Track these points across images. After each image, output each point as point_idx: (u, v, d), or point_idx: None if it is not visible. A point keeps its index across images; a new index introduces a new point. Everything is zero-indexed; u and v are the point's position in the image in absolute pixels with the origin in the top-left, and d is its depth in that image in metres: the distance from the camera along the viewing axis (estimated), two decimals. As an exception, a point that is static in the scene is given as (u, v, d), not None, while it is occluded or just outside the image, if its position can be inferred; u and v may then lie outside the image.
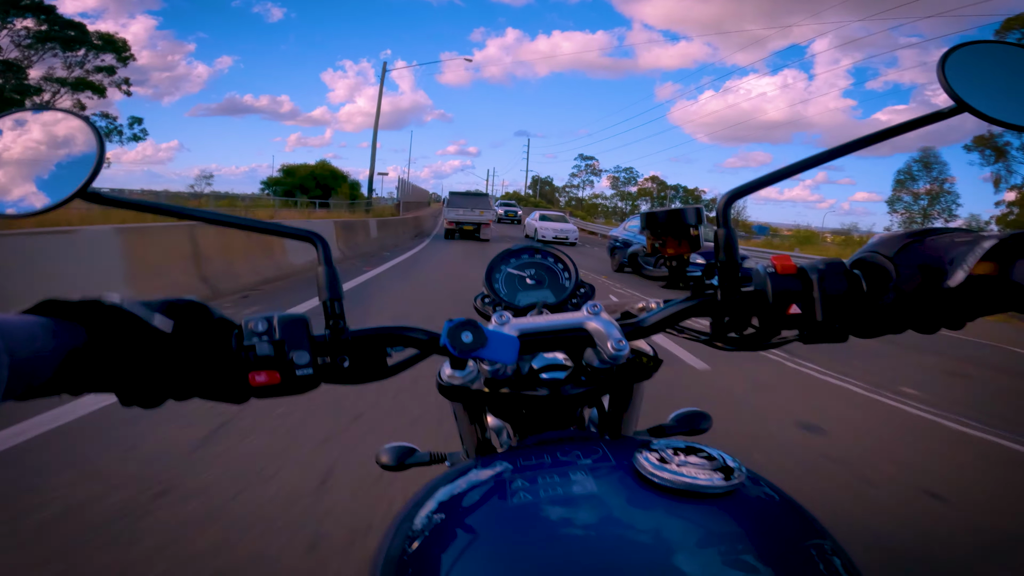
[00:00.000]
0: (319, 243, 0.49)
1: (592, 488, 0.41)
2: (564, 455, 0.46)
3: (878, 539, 1.67)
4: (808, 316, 0.46)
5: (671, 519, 0.38)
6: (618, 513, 0.39)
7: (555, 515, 0.39)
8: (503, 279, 0.67)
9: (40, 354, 0.36)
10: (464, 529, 0.41)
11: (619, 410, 0.59)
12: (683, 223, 0.53)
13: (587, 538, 0.37)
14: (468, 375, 0.50)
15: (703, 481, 0.39)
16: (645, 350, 0.54)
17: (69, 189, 0.45)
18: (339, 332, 0.47)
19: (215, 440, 2.08)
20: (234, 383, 0.44)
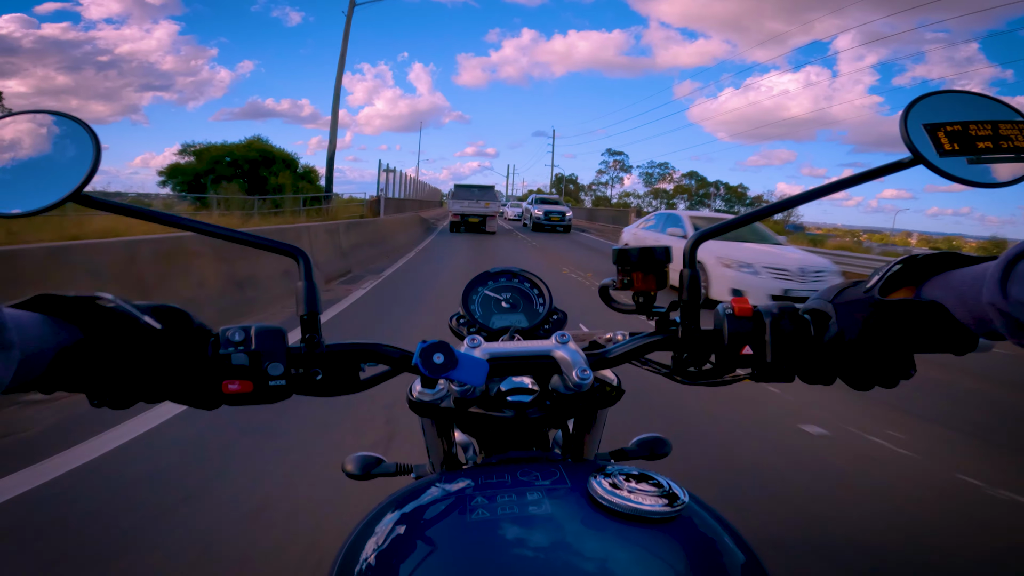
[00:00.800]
0: (301, 259, 0.51)
1: (546, 509, 0.43)
2: (524, 475, 0.48)
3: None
4: (759, 356, 0.49)
5: (615, 541, 0.41)
6: (568, 533, 0.42)
7: (510, 533, 0.41)
8: (479, 301, 0.69)
9: (40, 352, 0.38)
10: (423, 540, 0.43)
11: (582, 433, 0.61)
12: (654, 260, 0.56)
13: (537, 556, 0.40)
14: (438, 393, 0.53)
15: (647, 506, 0.41)
16: (609, 379, 0.57)
17: (63, 191, 0.46)
18: (314, 345, 0.49)
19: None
20: (207, 389, 0.46)
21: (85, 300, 0.42)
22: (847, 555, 1.71)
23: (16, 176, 0.48)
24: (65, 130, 0.49)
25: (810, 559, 1.67)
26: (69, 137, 0.48)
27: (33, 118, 0.50)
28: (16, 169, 0.48)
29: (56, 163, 0.48)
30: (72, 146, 0.48)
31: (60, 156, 0.48)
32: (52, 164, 0.48)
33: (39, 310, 0.41)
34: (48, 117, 0.50)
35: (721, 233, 0.53)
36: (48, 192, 0.46)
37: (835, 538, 1.80)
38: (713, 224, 0.53)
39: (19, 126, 0.49)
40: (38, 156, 0.49)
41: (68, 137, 0.48)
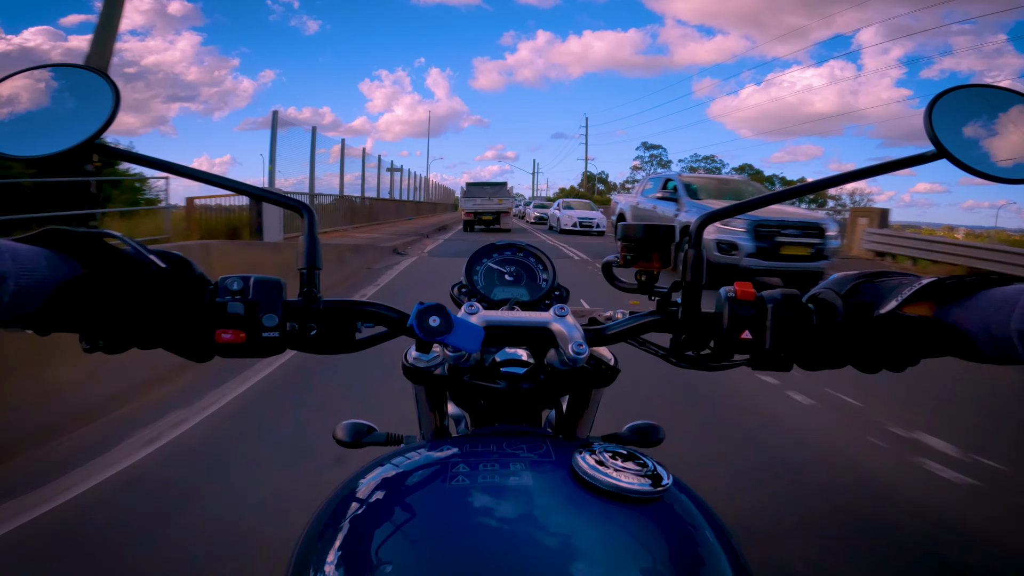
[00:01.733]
0: (306, 213, 0.51)
1: (528, 481, 0.43)
2: (511, 447, 0.48)
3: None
4: (758, 342, 0.48)
5: (593, 517, 0.40)
6: (546, 506, 0.41)
7: (488, 501, 0.41)
8: (482, 272, 0.69)
9: (39, 285, 0.38)
10: (400, 504, 0.43)
11: (575, 414, 0.61)
12: (658, 238, 0.55)
13: (513, 526, 0.39)
14: (432, 360, 0.52)
15: (628, 484, 0.40)
16: (606, 358, 0.56)
17: (80, 138, 0.47)
18: (312, 300, 0.49)
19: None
20: (200, 338, 0.46)
21: (93, 236, 0.43)
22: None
23: (39, 122, 0.50)
24: (87, 82, 0.51)
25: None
26: (91, 89, 0.50)
27: (57, 70, 0.52)
28: (39, 116, 0.50)
29: (77, 112, 0.50)
30: (93, 97, 0.49)
31: (81, 106, 0.50)
32: (73, 112, 0.50)
33: (45, 244, 0.41)
34: (72, 70, 0.52)
35: (729, 215, 0.52)
36: (67, 137, 0.48)
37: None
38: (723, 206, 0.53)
39: (44, 77, 0.51)
40: (61, 105, 0.51)
41: (89, 89, 0.50)
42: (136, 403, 2.44)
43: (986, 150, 0.48)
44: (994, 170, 0.47)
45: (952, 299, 0.42)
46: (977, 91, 0.50)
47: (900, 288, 0.44)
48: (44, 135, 0.49)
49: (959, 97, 0.49)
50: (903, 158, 0.50)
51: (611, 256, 0.59)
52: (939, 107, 0.48)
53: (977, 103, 0.49)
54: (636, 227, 0.55)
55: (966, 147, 0.47)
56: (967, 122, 0.48)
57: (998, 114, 0.49)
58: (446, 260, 8.69)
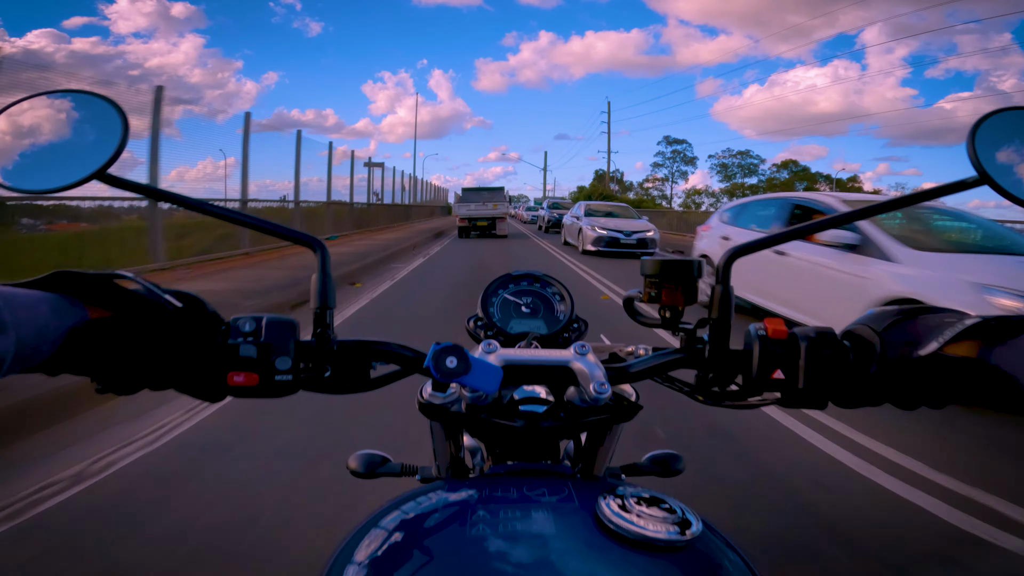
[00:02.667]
0: (319, 250, 0.50)
1: (550, 528, 0.41)
2: (531, 490, 0.46)
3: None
4: (791, 382, 0.46)
5: (619, 568, 0.38)
6: (570, 555, 0.40)
7: (509, 550, 0.39)
8: (499, 304, 0.67)
9: (44, 332, 0.37)
10: (419, 549, 0.41)
11: (595, 447, 0.59)
12: (684, 273, 0.54)
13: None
14: (449, 397, 0.51)
15: (655, 534, 0.39)
16: (627, 393, 0.54)
17: (89, 169, 0.46)
18: (325, 341, 0.48)
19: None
20: (212, 379, 0.45)
21: (103, 277, 0.42)
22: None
23: (46, 154, 0.48)
24: (95, 110, 0.49)
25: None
26: (99, 116, 0.48)
27: (64, 97, 0.50)
28: (46, 147, 0.49)
29: (85, 142, 0.48)
30: (101, 125, 0.48)
31: (89, 135, 0.48)
32: (81, 143, 0.48)
33: (54, 288, 0.40)
34: (79, 96, 0.50)
35: (759, 248, 0.50)
36: (76, 169, 0.46)
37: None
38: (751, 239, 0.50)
39: (50, 105, 0.50)
40: (68, 134, 0.49)
41: (98, 116, 0.48)
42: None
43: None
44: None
45: (997, 340, 0.40)
46: (1021, 114, 0.48)
47: (942, 328, 0.42)
48: (51, 167, 0.47)
49: (1004, 120, 0.47)
50: (946, 184, 0.48)
51: (634, 291, 0.57)
52: (983, 130, 0.46)
53: (1020, 127, 0.47)
54: (659, 263, 0.53)
55: (1008, 173, 0.45)
56: (1009, 147, 0.46)
57: None
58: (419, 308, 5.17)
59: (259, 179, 13.26)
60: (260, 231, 0.51)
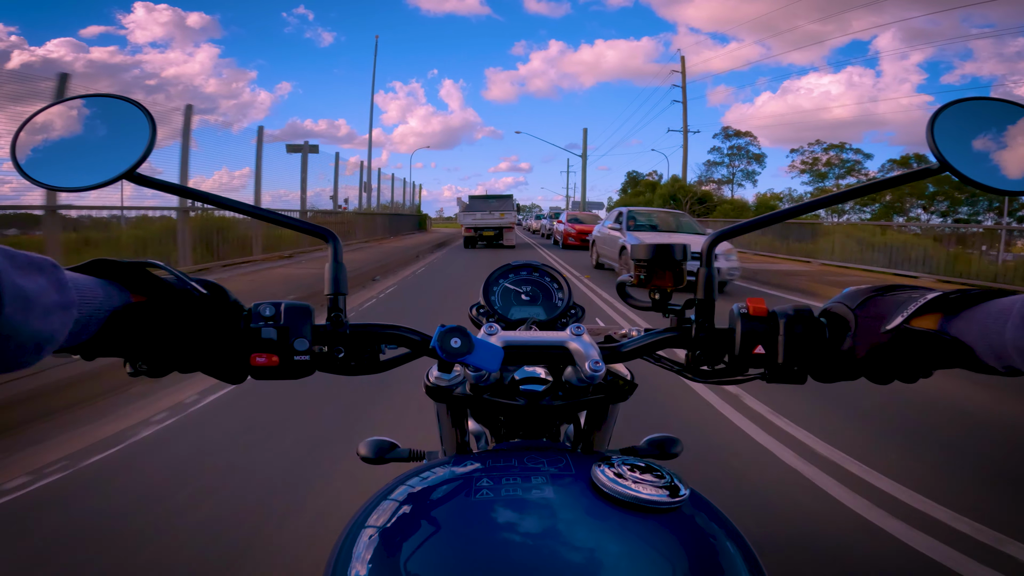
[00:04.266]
0: (331, 241, 0.53)
1: (549, 494, 0.45)
2: (531, 462, 0.50)
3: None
4: (771, 357, 0.49)
5: (614, 528, 0.41)
6: (568, 518, 0.43)
7: (511, 514, 0.43)
8: (499, 293, 0.71)
9: (95, 314, 0.40)
10: (427, 518, 0.44)
11: (593, 428, 0.62)
12: (671, 258, 0.57)
13: (535, 538, 0.41)
14: (454, 379, 0.54)
15: (647, 495, 0.42)
16: (623, 374, 0.57)
17: (119, 170, 0.49)
18: (339, 325, 0.51)
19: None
20: (236, 362, 0.48)
21: (138, 265, 0.44)
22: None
23: (78, 154, 0.52)
24: (124, 112, 0.53)
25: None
26: (128, 119, 0.52)
27: (94, 101, 0.54)
28: (78, 147, 0.52)
29: (115, 143, 0.52)
30: (130, 127, 0.51)
31: (119, 136, 0.52)
32: (111, 143, 0.52)
33: (94, 274, 0.43)
34: (109, 101, 0.54)
35: (739, 233, 0.54)
36: (106, 169, 0.50)
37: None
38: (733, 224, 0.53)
39: (81, 108, 0.53)
40: (99, 137, 0.53)
41: (127, 119, 0.52)
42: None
43: (989, 162, 0.48)
44: (997, 182, 0.47)
45: (955, 311, 0.43)
46: (980, 104, 0.50)
47: (907, 303, 0.45)
48: (84, 166, 0.50)
49: (962, 110, 0.49)
50: (906, 172, 0.51)
51: (625, 275, 0.60)
52: (941, 120, 0.48)
53: (980, 115, 0.50)
54: (649, 247, 0.56)
55: (969, 160, 0.47)
56: (970, 135, 0.48)
57: (1005, 126, 0.49)
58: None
59: (273, 189, 13.25)
60: (280, 224, 0.55)
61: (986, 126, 0.49)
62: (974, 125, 0.49)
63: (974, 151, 0.48)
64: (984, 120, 0.49)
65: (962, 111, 0.49)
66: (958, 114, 0.49)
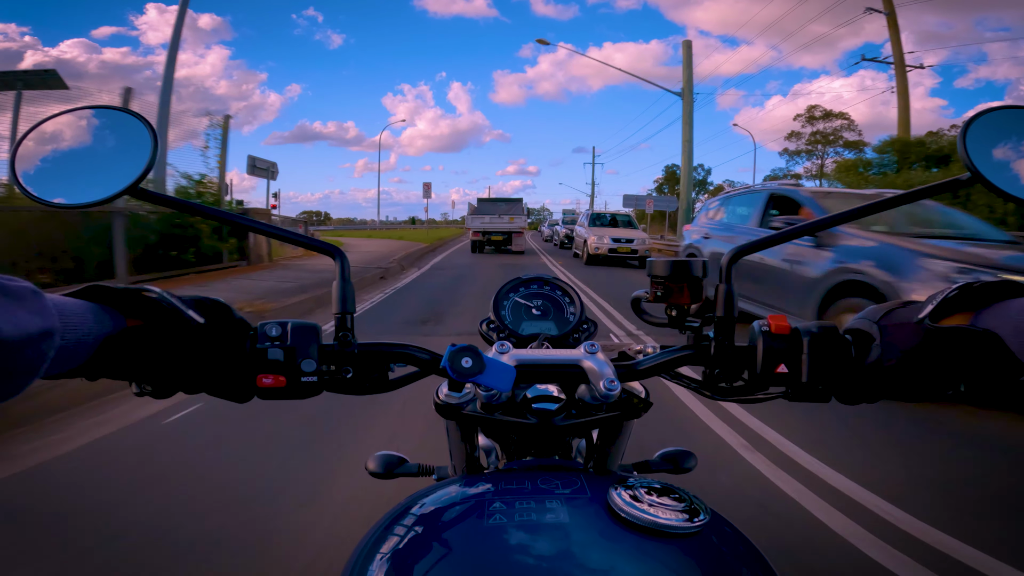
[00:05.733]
0: (339, 258, 0.52)
1: (564, 518, 0.43)
2: (544, 483, 0.48)
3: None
4: (795, 376, 0.48)
5: (632, 554, 0.40)
6: (584, 543, 0.41)
7: (526, 539, 0.41)
8: (510, 307, 0.69)
9: (84, 339, 0.39)
10: (439, 542, 0.43)
11: (606, 444, 0.60)
12: (688, 274, 0.55)
13: (551, 564, 0.39)
14: (464, 397, 0.53)
15: (666, 520, 0.40)
16: (637, 391, 0.56)
17: (121, 185, 0.48)
18: (347, 344, 0.50)
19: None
20: (242, 382, 0.47)
21: (133, 292, 0.44)
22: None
23: (77, 168, 0.50)
24: (125, 125, 0.51)
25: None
26: (129, 132, 0.50)
27: (95, 112, 0.52)
28: (77, 161, 0.50)
29: (116, 157, 0.50)
30: (131, 141, 0.50)
31: (120, 150, 0.50)
32: (112, 158, 0.50)
33: (89, 299, 0.42)
34: (109, 113, 0.52)
35: (759, 248, 0.52)
36: (107, 184, 0.48)
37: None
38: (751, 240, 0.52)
39: (81, 120, 0.52)
40: (99, 149, 0.51)
41: (128, 132, 0.50)
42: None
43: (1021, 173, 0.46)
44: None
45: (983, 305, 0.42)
46: (1013, 112, 0.48)
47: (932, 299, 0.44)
48: (83, 182, 0.49)
49: (993, 119, 0.47)
50: (938, 184, 0.48)
51: (641, 291, 0.59)
52: (974, 130, 0.46)
53: (1013, 125, 0.48)
54: (666, 263, 0.55)
55: (1002, 171, 0.45)
56: (1004, 144, 0.47)
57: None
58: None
59: (283, 191, 13.12)
60: (285, 240, 0.54)
61: (1017, 136, 0.47)
62: (1008, 135, 0.47)
63: (1008, 162, 0.46)
64: (1015, 129, 0.47)
65: (995, 120, 0.47)
66: (991, 123, 0.47)
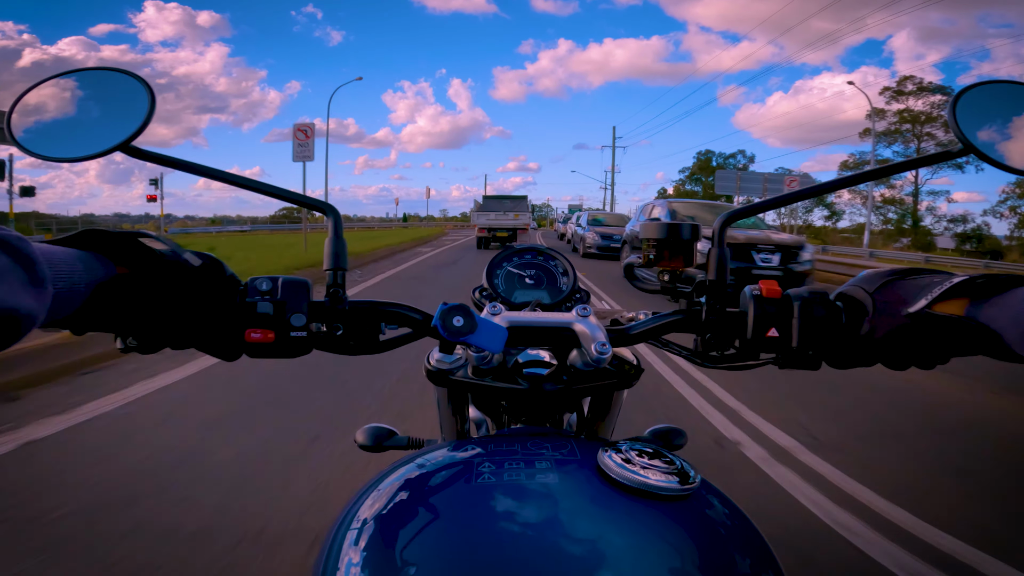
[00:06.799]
0: (331, 215, 0.52)
1: (554, 479, 0.43)
2: (535, 446, 0.48)
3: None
4: (785, 341, 0.47)
5: (622, 515, 0.39)
6: (574, 504, 0.41)
7: (515, 499, 0.41)
8: (503, 276, 0.69)
9: (75, 288, 0.38)
10: (426, 502, 0.43)
11: (597, 416, 0.60)
12: (680, 238, 0.55)
13: (539, 524, 0.39)
14: (455, 362, 0.53)
15: (657, 482, 0.40)
16: (629, 359, 0.56)
17: (116, 140, 0.48)
18: (337, 301, 0.50)
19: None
20: (231, 337, 0.46)
21: (128, 236, 0.43)
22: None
23: (76, 126, 0.51)
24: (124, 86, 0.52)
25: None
26: (127, 92, 0.51)
27: (95, 74, 0.53)
28: (76, 120, 0.51)
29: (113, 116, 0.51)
30: (129, 100, 0.50)
31: (117, 109, 0.51)
32: (109, 116, 0.51)
33: (81, 246, 0.42)
34: (106, 73, 0.53)
35: (751, 213, 0.52)
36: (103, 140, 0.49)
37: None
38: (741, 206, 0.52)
39: (82, 80, 0.52)
40: (97, 109, 0.52)
41: (126, 92, 0.51)
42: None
43: (1013, 144, 0.47)
44: (1022, 164, 0.46)
45: (983, 297, 0.41)
46: (1002, 87, 0.49)
47: (931, 287, 0.43)
48: (81, 138, 0.49)
49: (984, 93, 0.48)
50: (930, 155, 0.50)
51: (633, 256, 0.58)
52: (963, 102, 0.47)
53: (1002, 98, 0.49)
54: (658, 226, 0.55)
55: (993, 142, 0.46)
56: (993, 117, 0.48)
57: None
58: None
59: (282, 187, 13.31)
60: (278, 197, 0.54)
61: (1009, 108, 0.48)
62: (997, 107, 0.48)
63: (997, 133, 0.47)
64: (1007, 103, 0.49)
65: (984, 93, 0.48)
66: (980, 96, 0.48)
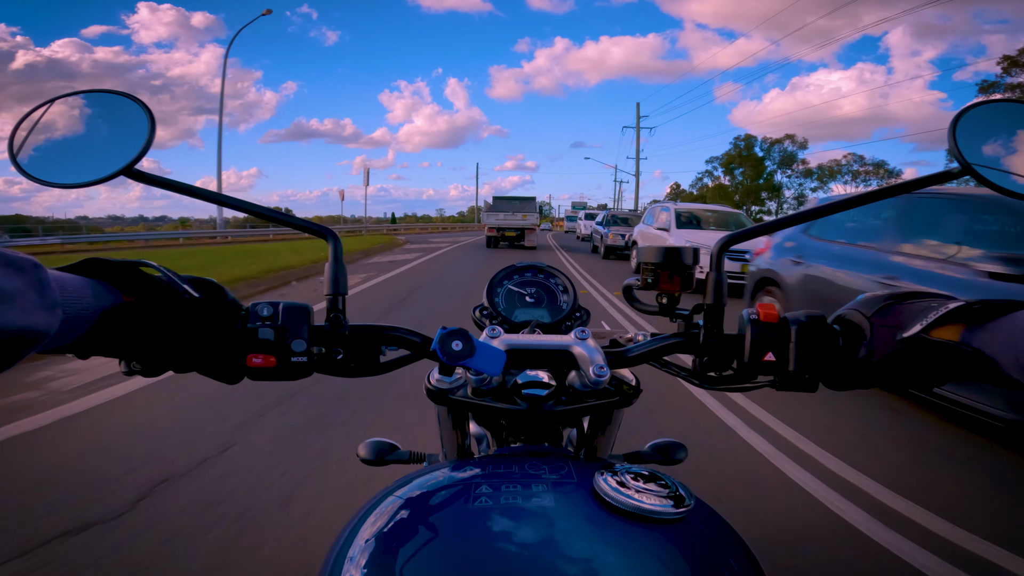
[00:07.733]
0: (331, 240, 0.52)
1: (550, 502, 0.43)
2: (532, 468, 0.48)
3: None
4: (782, 364, 0.48)
5: (616, 539, 0.40)
6: (569, 527, 0.41)
7: (510, 522, 0.41)
8: (503, 294, 0.69)
9: (83, 314, 0.39)
10: (424, 524, 0.43)
11: (596, 433, 0.61)
12: (679, 262, 0.55)
13: (534, 547, 0.39)
14: (455, 382, 0.53)
15: (651, 506, 0.41)
16: (627, 379, 0.56)
17: (117, 166, 0.48)
18: (338, 325, 0.50)
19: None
20: (232, 362, 0.47)
21: (130, 265, 0.44)
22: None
23: (76, 150, 0.51)
24: (122, 108, 0.52)
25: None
26: (126, 115, 0.51)
27: (94, 96, 0.53)
28: (76, 143, 0.51)
29: (113, 138, 0.51)
30: (129, 123, 0.50)
31: (117, 133, 0.51)
32: (110, 140, 0.51)
33: (85, 274, 0.42)
34: (109, 97, 0.53)
35: (750, 236, 0.52)
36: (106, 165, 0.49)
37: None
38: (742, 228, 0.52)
39: (81, 103, 0.53)
40: (96, 133, 0.52)
41: (125, 115, 0.51)
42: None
43: (1013, 167, 0.46)
44: (1019, 187, 0.45)
45: (978, 323, 0.41)
46: (1003, 106, 0.49)
47: (927, 312, 0.44)
48: (82, 163, 0.50)
49: (984, 112, 0.48)
50: (928, 176, 0.49)
51: (632, 279, 0.59)
52: (964, 123, 0.47)
53: (1003, 119, 0.48)
54: (657, 251, 0.55)
55: (992, 164, 0.46)
56: (992, 138, 0.47)
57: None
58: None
59: (280, 189, 13.10)
60: (278, 222, 0.54)
61: (1010, 130, 0.48)
62: (997, 128, 0.48)
63: (997, 155, 0.47)
64: (1008, 124, 0.48)
65: (984, 113, 0.48)
66: (980, 117, 0.47)
